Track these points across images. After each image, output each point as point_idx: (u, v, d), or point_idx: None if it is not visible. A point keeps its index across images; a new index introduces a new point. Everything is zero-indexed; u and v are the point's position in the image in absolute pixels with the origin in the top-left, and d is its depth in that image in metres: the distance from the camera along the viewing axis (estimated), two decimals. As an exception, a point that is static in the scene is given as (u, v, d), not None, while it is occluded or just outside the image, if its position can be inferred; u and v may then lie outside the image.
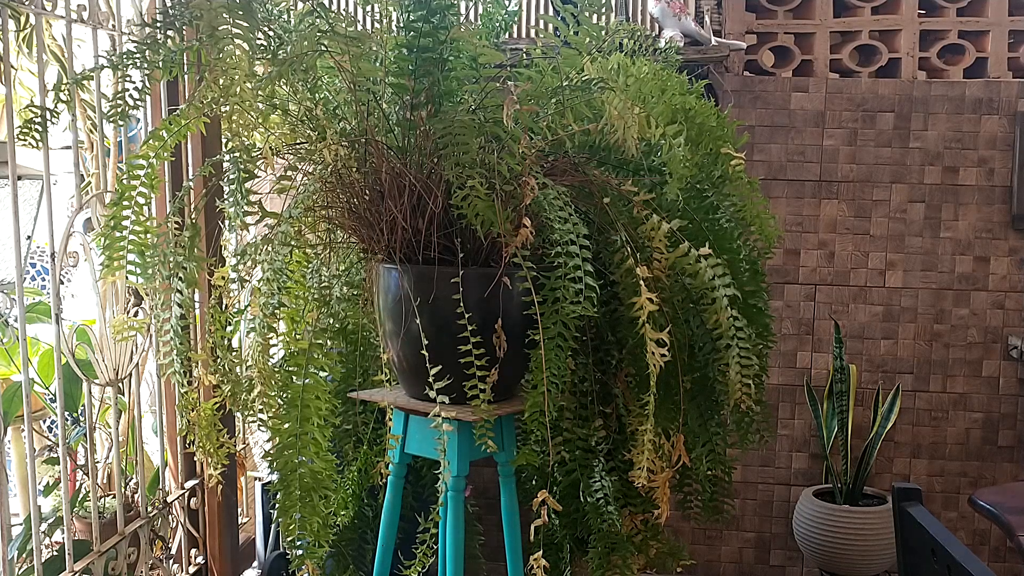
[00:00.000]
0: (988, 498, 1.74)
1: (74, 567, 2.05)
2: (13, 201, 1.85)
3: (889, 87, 2.82)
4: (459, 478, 1.82)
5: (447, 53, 1.70)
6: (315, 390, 1.57)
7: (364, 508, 2.17)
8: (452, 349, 1.66)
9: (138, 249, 1.76)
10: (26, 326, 1.97)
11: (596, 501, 1.82)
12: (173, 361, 1.88)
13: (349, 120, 1.80)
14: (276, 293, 1.61)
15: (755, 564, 3.06)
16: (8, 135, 1.85)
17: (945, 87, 2.82)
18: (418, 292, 1.70)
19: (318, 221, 1.85)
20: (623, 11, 2.86)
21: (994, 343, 2.86)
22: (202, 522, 2.63)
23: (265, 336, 1.63)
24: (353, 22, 1.83)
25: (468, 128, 1.60)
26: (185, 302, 1.82)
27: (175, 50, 1.73)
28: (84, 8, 2.07)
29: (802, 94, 2.85)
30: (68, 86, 1.92)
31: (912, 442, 2.91)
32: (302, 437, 1.56)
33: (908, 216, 2.85)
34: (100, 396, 2.49)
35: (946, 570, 1.22)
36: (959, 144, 2.83)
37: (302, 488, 1.56)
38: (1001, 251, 2.84)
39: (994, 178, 2.82)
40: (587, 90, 1.65)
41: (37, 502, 1.99)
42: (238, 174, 1.65)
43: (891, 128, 2.83)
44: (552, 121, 1.68)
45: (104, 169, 2.29)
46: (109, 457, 2.51)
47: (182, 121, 1.74)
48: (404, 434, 1.89)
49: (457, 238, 1.71)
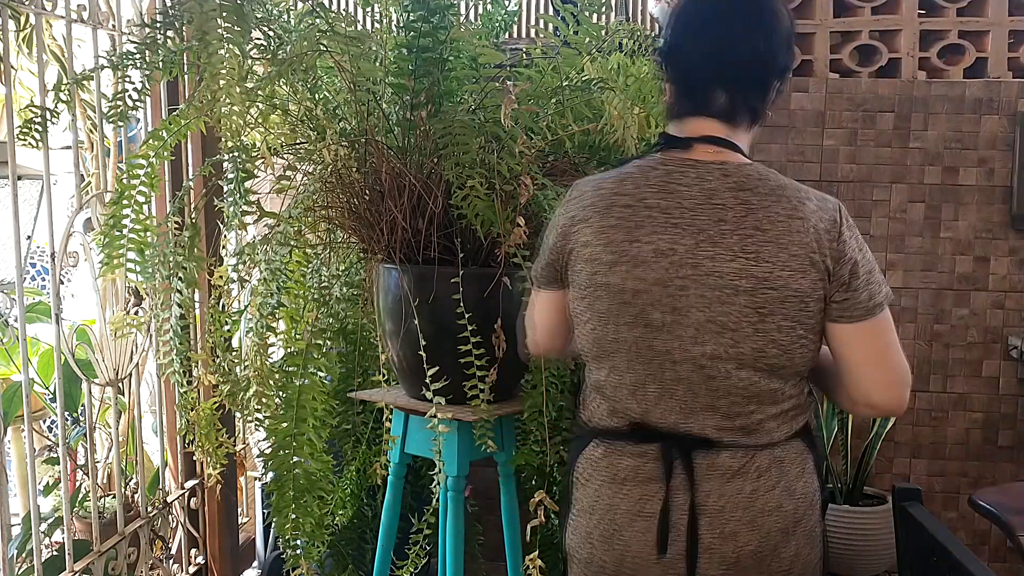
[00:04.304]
0: (988, 498, 1.74)
1: (74, 567, 2.05)
2: (13, 201, 1.85)
3: (889, 87, 2.82)
4: (459, 478, 1.81)
5: (447, 53, 1.70)
6: (313, 390, 1.57)
7: (363, 508, 2.17)
8: (452, 349, 1.66)
9: (138, 248, 1.76)
10: (26, 326, 1.97)
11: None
12: (173, 361, 1.88)
13: (349, 120, 1.80)
14: (275, 293, 1.62)
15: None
16: (8, 135, 1.85)
17: (945, 87, 2.82)
18: (418, 292, 1.70)
19: (318, 221, 1.85)
20: (623, 11, 2.86)
21: (994, 343, 2.86)
22: (202, 522, 2.63)
23: (263, 336, 1.63)
24: (353, 22, 1.83)
25: (468, 128, 1.60)
26: (185, 302, 1.82)
27: (175, 50, 1.73)
28: (84, 8, 2.07)
29: (802, 94, 2.85)
30: (68, 86, 1.92)
31: (912, 442, 2.90)
32: (298, 438, 1.56)
33: (908, 216, 2.84)
34: (100, 396, 2.48)
35: (946, 570, 1.22)
36: (959, 144, 2.83)
37: (296, 489, 1.56)
38: (1001, 251, 2.84)
39: (994, 178, 2.82)
40: (587, 90, 1.65)
41: (37, 502, 1.99)
42: (237, 174, 1.65)
43: (891, 128, 2.83)
44: (552, 121, 1.68)
45: (104, 169, 2.29)
46: (109, 457, 2.51)
47: (182, 121, 1.74)
48: (404, 434, 1.89)
49: (457, 238, 1.71)
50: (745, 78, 1.25)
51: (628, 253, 1.21)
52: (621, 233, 1.22)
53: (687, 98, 1.26)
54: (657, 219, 1.21)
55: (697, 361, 1.21)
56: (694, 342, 1.21)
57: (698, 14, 1.28)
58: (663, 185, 1.23)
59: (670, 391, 1.23)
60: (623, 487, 1.26)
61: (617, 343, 1.24)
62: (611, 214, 1.23)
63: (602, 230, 1.23)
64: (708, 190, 1.22)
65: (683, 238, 1.20)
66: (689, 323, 1.20)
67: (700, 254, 1.20)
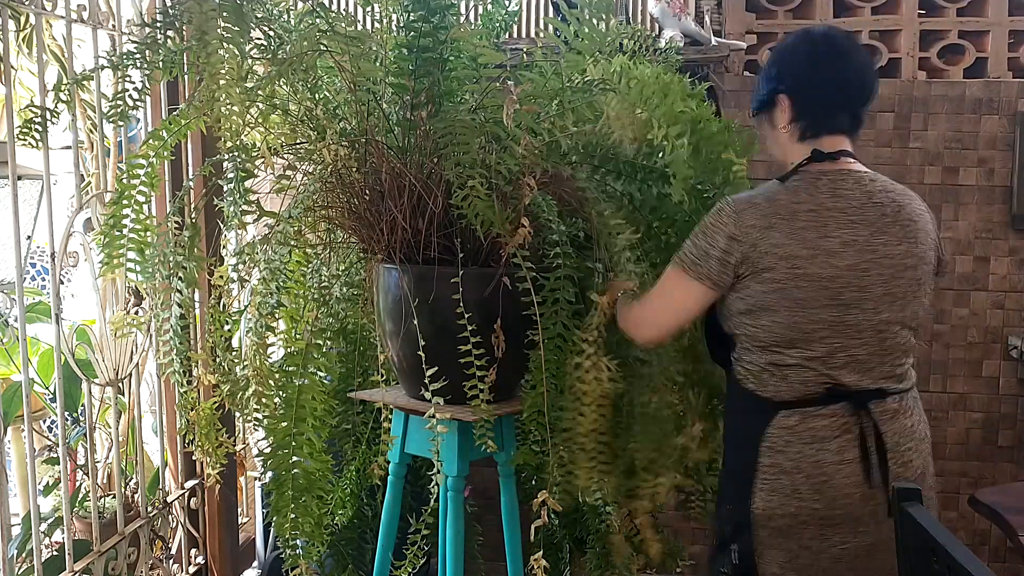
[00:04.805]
0: (988, 498, 1.74)
1: (74, 567, 2.05)
2: (13, 201, 1.85)
3: (889, 87, 2.82)
4: (459, 478, 1.81)
5: (447, 53, 1.70)
6: (312, 390, 1.57)
7: (363, 508, 2.17)
8: (452, 349, 1.66)
9: (138, 248, 1.76)
10: (26, 326, 1.97)
11: (595, 501, 1.82)
12: (173, 361, 1.87)
13: (349, 120, 1.80)
14: (275, 293, 1.61)
15: (755, 564, 3.05)
16: (8, 135, 1.85)
17: (945, 87, 2.82)
18: (418, 292, 1.70)
19: (318, 221, 1.85)
20: (623, 11, 2.85)
21: (994, 343, 2.86)
22: (202, 522, 2.63)
23: (262, 336, 1.63)
24: (353, 22, 1.83)
25: (468, 128, 1.60)
26: (185, 302, 1.82)
27: (175, 50, 1.73)
28: (84, 8, 2.07)
29: (802, 94, 2.85)
30: (68, 86, 1.92)
31: (912, 442, 2.90)
32: (297, 438, 1.56)
33: (908, 216, 2.85)
34: (100, 396, 2.48)
35: (946, 570, 1.22)
36: (959, 144, 2.83)
37: (295, 489, 1.56)
38: (1001, 251, 2.84)
39: (994, 178, 2.82)
40: (588, 91, 1.65)
41: (37, 502, 1.99)
42: (237, 174, 1.65)
43: (891, 128, 2.83)
44: (552, 123, 1.68)
45: (104, 169, 2.29)
46: (109, 457, 2.51)
47: (182, 121, 1.74)
48: (404, 434, 1.88)
49: (457, 238, 1.70)
50: (862, 101, 1.60)
51: (822, 247, 1.51)
52: (812, 232, 1.52)
53: (823, 121, 1.59)
54: (838, 218, 1.53)
55: (876, 327, 1.54)
56: (874, 312, 1.54)
57: (818, 52, 1.59)
58: (832, 191, 1.55)
59: (854, 356, 1.54)
60: (824, 443, 1.54)
61: (815, 323, 1.53)
62: (798, 218, 1.52)
63: (794, 231, 1.51)
64: (866, 192, 1.56)
65: (860, 230, 1.53)
66: (871, 297, 1.53)
67: (875, 241, 1.53)
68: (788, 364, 1.55)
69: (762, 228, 1.52)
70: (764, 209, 1.54)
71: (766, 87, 1.63)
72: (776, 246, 1.51)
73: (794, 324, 1.53)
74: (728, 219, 1.54)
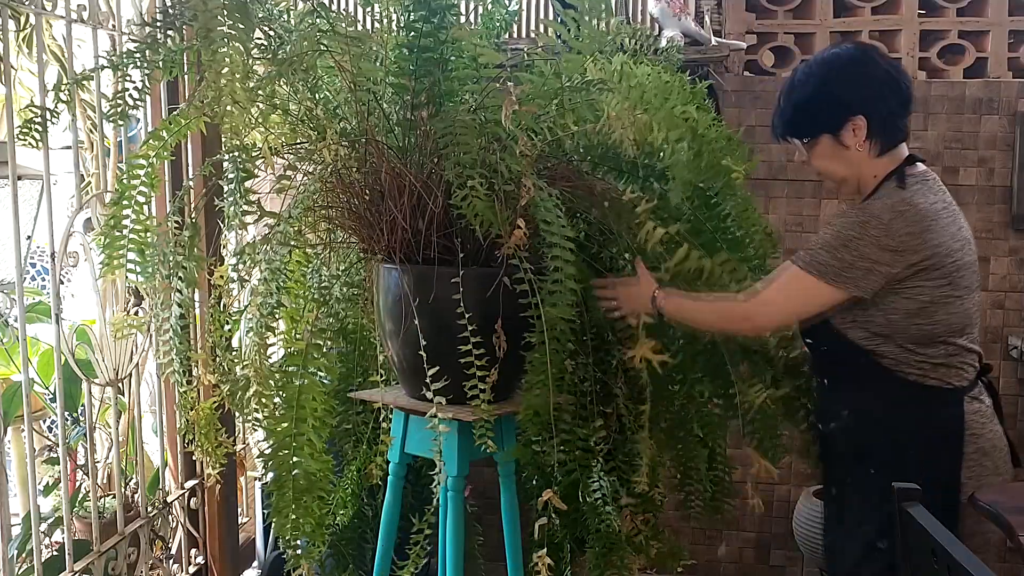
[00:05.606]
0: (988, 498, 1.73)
1: (74, 567, 2.05)
2: (13, 201, 1.85)
3: (889, 87, 2.81)
4: (459, 478, 1.81)
5: (447, 53, 1.70)
6: (312, 391, 1.57)
7: (364, 508, 2.17)
8: (452, 349, 1.66)
9: (138, 248, 1.75)
10: (26, 326, 1.97)
11: (595, 501, 1.82)
12: (173, 361, 1.87)
13: (349, 120, 1.80)
14: (275, 293, 1.61)
15: (755, 564, 3.06)
16: (8, 135, 1.85)
17: (945, 87, 2.82)
18: (418, 292, 1.70)
19: (318, 221, 1.84)
20: (623, 11, 2.86)
21: (994, 343, 2.85)
22: (202, 522, 2.63)
23: (262, 336, 1.63)
24: (353, 22, 1.83)
25: (469, 128, 1.60)
26: (185, 302, 1.82)
27: (175, 50, 1.73)
28: (84, 8, 2.07)
29: (802, 94, 2.84)
30: (68, 86, 1.92)
31: (912, 442, 2.90)
32: (298, 438, 1.56)
33: (908, 216, 2.84)
34: (100, 396, 2.48)
35: (946, 570, 1.22)
36: (959, 144, 2.82)
37: (296, 489, 1.56)
38: (1001, 251, 2.84)
39: (994, 178, 2.82)
40: (587, 92, 1.65)
41: (37, 502, 1.99)
42: (237, 173, 1.65)
43: (891, 128, 2.83)
44: (553, 123, 1.68)
45: (104, 169, 2.29)
46: (109, 457, 2.51)
47: (182, 121, 1.74)
48: (404, 434, 1.88)
49: (457, 238, 1.70)
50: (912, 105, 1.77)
51: (964, 237, 1.71)
52: (953, 226, 1.69)
53: (897, 132, 1.75)
54: (957, 211, 1.73)
55: (979, 303, 1.75)
56: (978, 290, 1.75)
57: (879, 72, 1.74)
58: (941, 189, 1.74)
59: (977, 333, 1.75)
60: (992, 420, 1.75)
61: (976, 306, 1.73)
62: (941, 216, 1.68)
63: (945, 227, 1.67)
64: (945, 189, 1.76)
65: (965, 220, 1.74)
66: (977, 278, 1.74)
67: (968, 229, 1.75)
68: (964, 350, 1.71)
69: (918, 233, 1.64)
70: (911, 215, 1.66)
71: (831, 113, 1.74)
72: (937, 245, 1.65)
73: (966, 311, 1.70)
74: (877, 231, 1.65)
